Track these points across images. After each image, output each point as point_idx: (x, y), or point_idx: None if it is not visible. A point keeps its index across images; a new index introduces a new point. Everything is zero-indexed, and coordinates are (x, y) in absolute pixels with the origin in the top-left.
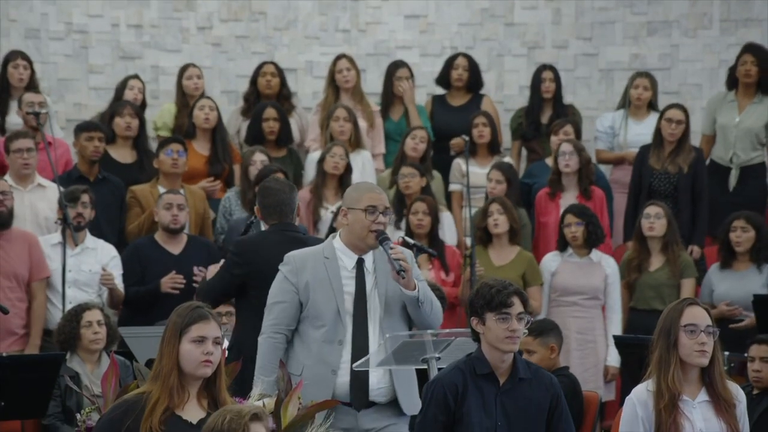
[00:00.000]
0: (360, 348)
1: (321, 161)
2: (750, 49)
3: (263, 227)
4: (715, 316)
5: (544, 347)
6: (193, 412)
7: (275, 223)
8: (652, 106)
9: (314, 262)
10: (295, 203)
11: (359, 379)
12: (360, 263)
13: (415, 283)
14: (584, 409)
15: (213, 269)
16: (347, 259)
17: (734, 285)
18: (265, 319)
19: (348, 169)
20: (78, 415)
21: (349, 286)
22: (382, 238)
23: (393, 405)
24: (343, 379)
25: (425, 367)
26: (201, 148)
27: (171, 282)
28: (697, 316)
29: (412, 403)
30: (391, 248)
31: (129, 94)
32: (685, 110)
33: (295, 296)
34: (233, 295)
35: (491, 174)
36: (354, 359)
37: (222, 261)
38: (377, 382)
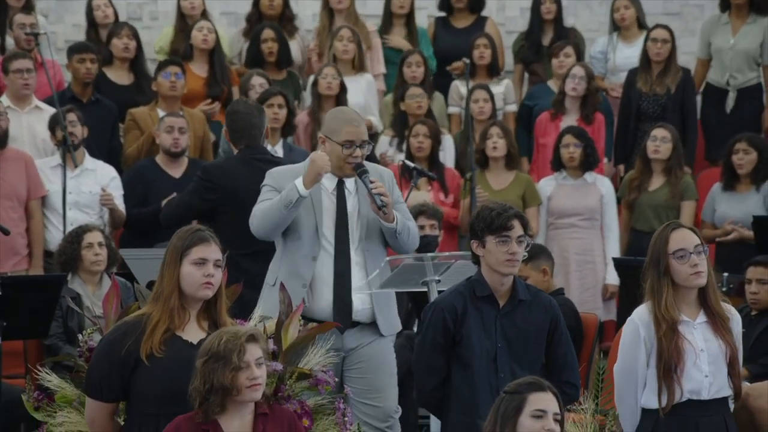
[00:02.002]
0: (340, 270)
1: (314, 84)
2: None
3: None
4: (720, 237)
5: (536, 271)
6: (193, 333)
7: (243, 147)
8: (643, 27)
9: (294, 177)
10: (264, 126)
11: (342, 301)
12: (340, 184)
13: (394, 215)
14: (583, 330)
15: None
16: (327, 182)
17: (735, 206)
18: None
19: (343, 88)
20: (80, 336)
21: (330, 206)
22: (360, 171)
23: (375, 325)
24: (322, 300)
25: (425, 289)
26: (199, 70)
27: None
28: (684, 239)
29: (390, 324)
30: (372, 181)
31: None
32: (670, 30)
33: (277, 194)
34: (198, 218)
35: (492, 130)
36: (336, 281)
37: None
38: (361, 303)
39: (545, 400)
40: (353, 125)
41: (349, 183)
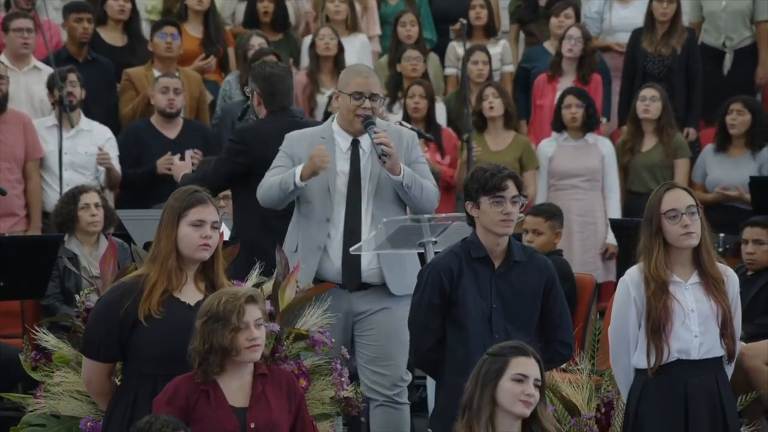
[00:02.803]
0: (351, 228)
1: (312, 45)
2: None
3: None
4: (711, 201)
5: (551, 231)
6: (190, 294)
7: (276, 110)
8: None
9: (310, 141)
10: (294, 88)
11: (351, 261)
12: (355, 144)
13: (400, 167)
14: (578, 291)
15: (180, 164)
16: (342, 141)
17: (728, 171)
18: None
19: (340, 48)
20: (77, 297)
21: (344, 167)
22: (367, 123)
23: (386, 287)
24: (335, 260)
25: (422, 251)
26: (194, 30)
27: (167, 163)
28: (676, 200)
29: (402, 283)
30: (375, 132)
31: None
32: None
33: (291, 162)
34: (234, 183)
35: (487, 91)
36: (345, 240)
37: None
38: (368, 263)
39: (527, 365)
40: (362, 76)
41: (364, 142)
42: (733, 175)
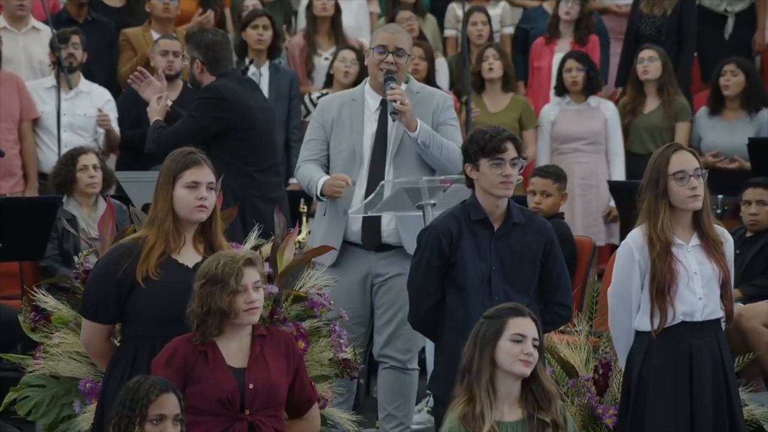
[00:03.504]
0: (373, 187)
1: (309, 6)
2: None
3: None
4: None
5: (559, 193)
6: (189, 256)
7: (227, 73)
8: None
9: (340, 104)
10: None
11: (371, 222)
12: (384, 104)
13: (416, 123)
14: (576, 255)
15: (155, 108)
16: (372, 101)
17: (723, 134)
18: (300, 157)
19: (338, 9)
20: (75, 258)
21: (371, 126)
22: (387, 77)
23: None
24: (358, 221)
25: (420, 213)
26: None
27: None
28: (684, 161)
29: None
30: (392, 88)
31: None
32: None
33: (323, 133)
34: (207, 141)
35: (487, 52)
36: (367, 197)
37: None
38: (387, 222)
39: (524, 325)
40: (388, 32)
41: (389, 105)
42: (729, 139)
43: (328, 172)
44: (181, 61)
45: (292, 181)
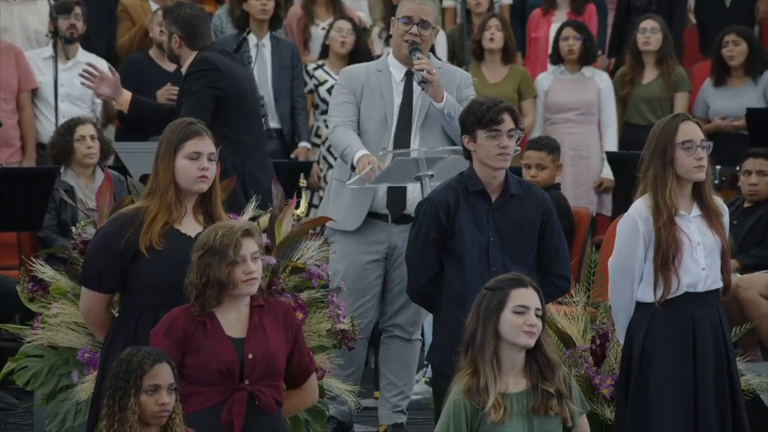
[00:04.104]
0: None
1: None
2: None
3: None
4: (711, 131)
5: (554, 164)
6: (190, 226)
7: (209, 45)
8: None
9: (367, 74)
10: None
11: (396, 191)
12: (409, 75)
13: (443, 94)
14: (574, 226)
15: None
16: (397, 72)
17: (730, 101)
18: (331, 120)
19: None
20: (73, 229)
21: (397, 98)
22: (412, 48)
23: None
24: (382, 191)
25: (418, 184)
26: None
27: (167, 94)
28: (692, 131)
29: None
30: (419, 58)
31: None
32: None
33: (353, 97)
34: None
35: (491, 21)
36: None
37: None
38: (411, 191)
39: (527, 296)
40: (414, 3)
41: (417, 74)
42: (737, 105)
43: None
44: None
45: (302, 144)
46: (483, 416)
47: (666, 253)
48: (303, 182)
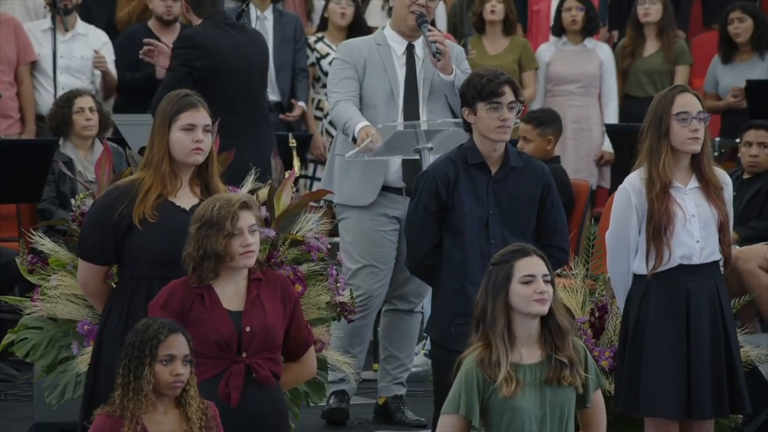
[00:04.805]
0: None
1: None
2: None
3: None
4: (722, 108)
5: (541, 138)
6: (185, 198)
7: (212, 14)
8: None
9: (368, 48)
10: None
11: (410, 163)
12: (410, 49)
13: (452, 67)
14: (573, 199)
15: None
16: (397, 45)
17: (739, 77)
18: (332, 96)
19: None
20: (72, 201)
21: (400, 71)
22: (421, 21)
23: None
24: (396, 161)
25: (417, 157)
26: None
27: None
28: (688, 103)
29: None
30: (429, 30)
31: None
32: None
33: (355, 72)
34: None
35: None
36: None
37: None
38: (425, 163)
39: (532, 265)
40: None
41: (418, 48)
42: (743, 81)
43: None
44: (180, 5)
45: (300, 104)
46: (495, 388)
47: (658, 225)
48: (293, 142)
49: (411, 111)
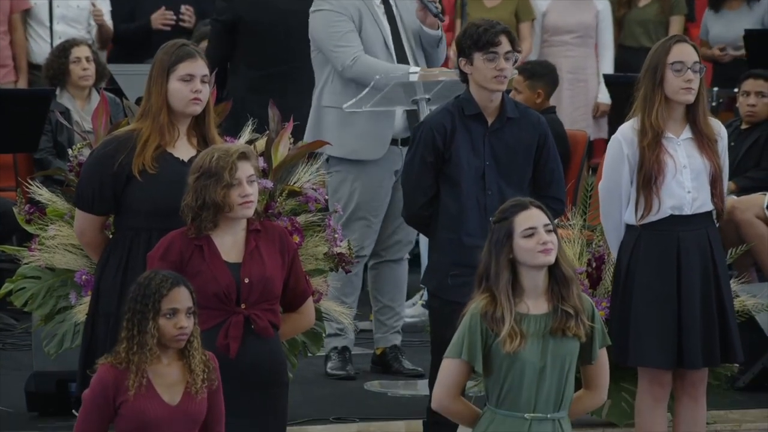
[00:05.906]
0: None
1: None
2: None
3: None
4: (707, 58)
5: (530, 90)
6: (183, 149)
7: None
8: None
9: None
10: None
11: (415, 115)
12: (386, 3)
13: (438, 23)
14: (571, 148)
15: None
16: None
17: (728, 26)
18: (341, 52)
19: None
20: (69, 151)
21: (385, 22)
22: None
23: None
24: (401, 117)
25: (415, 108)
26: None
27: (162, 18)
28: (684, 53)
29: None
30: None
31: None
32: None
33: (353, 24)
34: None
35: None
36: None
37: None
38: (423, 113)
39: (532, 217)
40: None
41: (431, 6)
42: (733, 30)
43: None
44: None
45: None
46: (498, 341)
47: (648, 174)
48: None
49: (402, 61)
